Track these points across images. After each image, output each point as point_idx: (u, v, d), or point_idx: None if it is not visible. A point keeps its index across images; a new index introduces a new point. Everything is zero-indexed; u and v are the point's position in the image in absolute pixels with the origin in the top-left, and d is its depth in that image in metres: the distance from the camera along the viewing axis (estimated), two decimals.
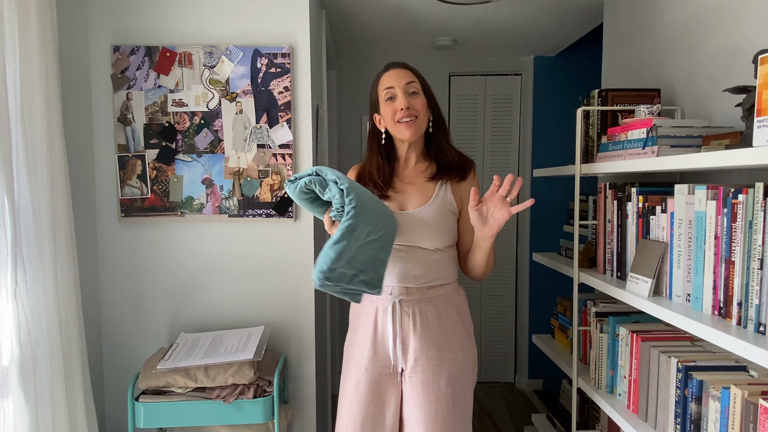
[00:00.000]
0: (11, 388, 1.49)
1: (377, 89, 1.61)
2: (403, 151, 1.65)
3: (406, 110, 1.54)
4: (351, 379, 1.61)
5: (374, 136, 1.66)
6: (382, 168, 1.62)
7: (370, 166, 1.64)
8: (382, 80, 1.60)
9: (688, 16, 1.89)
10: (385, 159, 1.64)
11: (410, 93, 1.57)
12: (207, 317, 2.24)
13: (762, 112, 1.07)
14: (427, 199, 1.59)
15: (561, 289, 2.45)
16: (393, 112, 1.56)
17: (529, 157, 3.69)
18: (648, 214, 1.64)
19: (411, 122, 1.55)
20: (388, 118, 1.58)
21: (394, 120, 1.56)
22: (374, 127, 1.67)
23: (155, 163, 2.18)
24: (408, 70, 1.60)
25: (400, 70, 1.59)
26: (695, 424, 1.38)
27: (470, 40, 3.29)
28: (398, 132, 1.58)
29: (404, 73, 1.58)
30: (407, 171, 1.65)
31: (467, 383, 1.62)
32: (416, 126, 1.56)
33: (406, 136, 1.57)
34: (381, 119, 1.63)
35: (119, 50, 2.14)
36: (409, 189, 1.62)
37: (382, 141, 1.64)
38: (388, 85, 1.57)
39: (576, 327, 2.02)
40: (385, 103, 1.58)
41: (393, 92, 1.56)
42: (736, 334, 1.17)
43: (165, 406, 1.85)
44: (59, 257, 1.66)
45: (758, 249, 1.17)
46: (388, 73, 1.60)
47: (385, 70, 1.62)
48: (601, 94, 1.99)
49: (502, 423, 3.31)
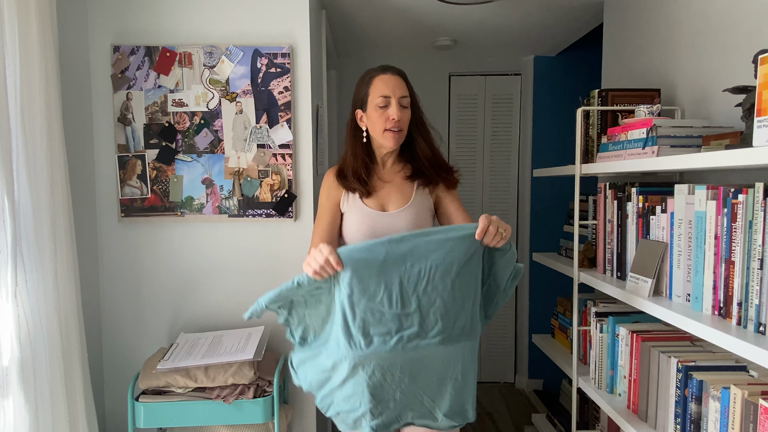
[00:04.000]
0: (11, 388, 1.49)
1: (369, 89, 1.60)
2: (381, 153, 1.67)
3: (398, 122, 1.56)
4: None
5: (357, 133, 1.66)
6: (368, 166, 1.65)
7: (355, 163, 1.64)
8: (377, 83, 1.58)
9: (688, 16, 1.89)
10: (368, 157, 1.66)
11: (403, 106, 1.59)
12: (207, 317, 2.24)
13: (762, 112, 1.07)
14: (406, 199, 1.63)
15: (561, 289, 2.45)
16: (384, 119, 1.57)
17: (529, 157, 3.69)
18: (648, 214, 1.64)
19: (397, 133, 1.58)
20: (377, 124, 1.59)
21: (382, 127, 1.58)
22: (356, 123, 1.66)
23: (155, 163, 2.18)
24: (404, 82, 1.61)
25: (398, 80, 1.59)
26: (695, 424, 1.38)
27: (470, 40, 3.29)
28: (383, 139, 1.60)
29: (401, 85, 1.59)
30: (384, 171, 1.68)
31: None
32: (400, 137, 1.60)
33: (389, 145, 1.60)
34: (364, 118, 1.63)
35: (119, 50, 2.14)
36: (388, 188, 1.65)
37: (364, 139, 1.65)
38: (385, 93, 1.56)
39: (576, 327, 2.02)
40: (376, 108, 1.57)
41: (388, 101, 1.57)
42: (736, 334, 1.17)
43: (165, 406, 1.85)
44: (59, 257, 1.66)
45: (758, 249, 1.17)
46: (386, 78, 1.58)
47: (382, 72, 1.60)
48: (601, 94, 1.99)
49: (502, 423, 3.31)
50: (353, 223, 1.61)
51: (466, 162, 3.79)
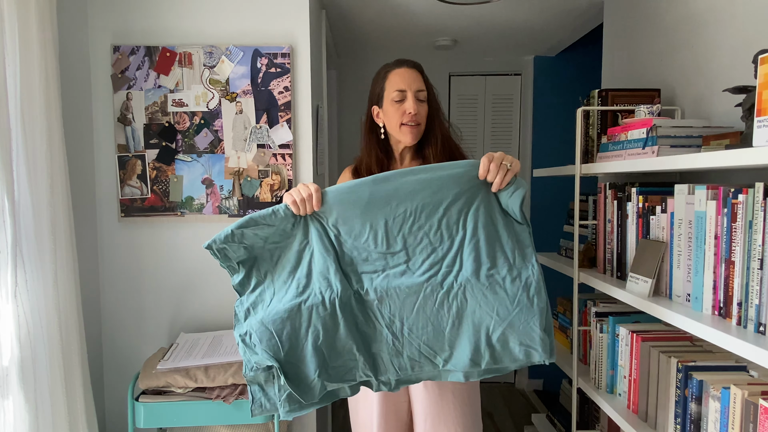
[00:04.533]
0: (11, 388, 1.49)
1: (384, 84, 1.57)
2: (398, 150, 1.64)
3: (414, 116, 1.53)
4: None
5: (373, 129, 1.64)
6: (381, 162, 1.62)
7: (369, 160, 1.62)
8: (392, 77, 1.56)
9: (688, 16, 1.89)
10: (384, 153, 1.64)
11: (419, 100, 1.55)
12: (207, 317, 2.24)
13: (762, 112, 1.07)
14: None
15: (561, 289, 2.44)
16: (400, 114, 1.54)
17: (529, 157, 3.69)
18: (648, 214, 1.64)
19: (415, 127, 1.55)
20: (393, 119, 1.56)
21: (399, 121, 1.55)
22: (372, 119, 1.64)
23: (155, 163, 2.18)
24: (420, 75, 1.58)
25: (414, 73, 1.56)
26: (695, 424, 1.38)
27: (470, 40, 3.29)
28: (400, 134, 1.57)
29: (417, 78, 1.56)
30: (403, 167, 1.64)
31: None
32: (418, 132, 1.57)
33: (407, 140, 1.57)
34: (381, 114, 1.60)
35: (119, 50, 2.14)
36: None
37: (381, 136, 1.62)
38: (401, 87, 1.54)
39: (576, 327, 2.02)
40: (392, 103, 1.55)
41: (404, 95, 1.54)
42: (736, 334, 1.17)
43: (165, 406, 1.85)
44: (59, 257, 1.66)
45: (758, 249, 1.17)
46: (401, 72, 1.55)
47: (397, 66, 1.57)
48: (601, 94, 1.99)
49: (502, 423, 3.31)
50: None
51: None
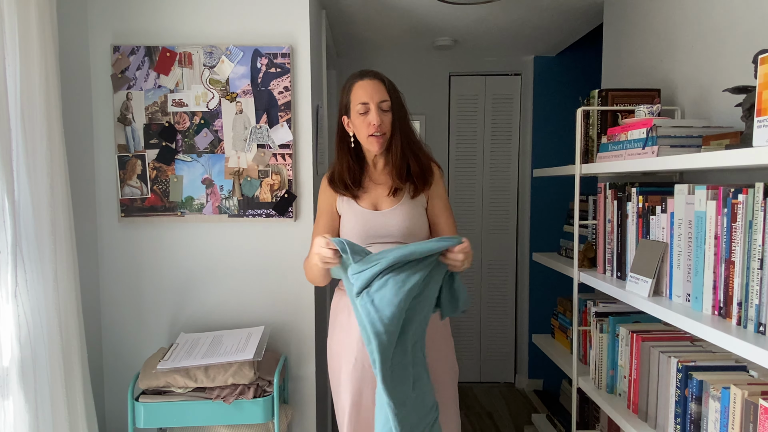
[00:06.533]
0: (11, 388, 1.49)
1: (350, 96, 1.64)
2: (371, 156, 1.72)
3: (378, 126, 1.60)
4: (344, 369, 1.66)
5: (344, 138, 1.71)
6: (352, 169, 1.69)
7: (341, 168, 1.70)
8: (356, 90, 1.62)
9: (688, 16, 1.89)
10: (355, 160, 1.71)
11: (383, 110, 1.62)
12: (207, 317, 2.24)
13: (762, 112, 1.07)
14: (399, 198, 1.67)
15: (561, 289, 2.45)
16: (366, 125, 1.62)
17: (529, 157, 3.69)
18: (648, 214, 1.64)
19: (381, 137, 1.62)
20: (360, 130, 1.64)
21: (366, 133, 1.62)
22: (343, 129, 1.71)
23: (155, 163, 2.18)
24: (383, 85, 1.63)
25: (376, 84, 1.62)
26: (695, 424, 1.38)
27: (470, 40, 3.29)
28: (368, 144, 1.65)
29: (379, 89, 1.62)
30: (376, 172, 1.73)
31: (447, 369, 1.70)
32: (384, 140, 1.65)
33: (374, 149, 1.65)
34: (350, 124, 1.67)
35: (119, 50, 2.14)
36: (381, 188, 1.69)
37: (351, 144, 1.69)
38: (364, 99, 1.60)
39: (576, 327, 2.03)
40: (358, 115, 1.62)
41: (367, 108, 1.60)
42: (736, 334, 1.17)
43: (165, 406, 1.85)
44: (59, 257, 1.66)
45: (758, 249, 1.17)
46: (364, 84, 1.62)
47: (360, 78, 1.63)
48: (601, 94, 1.99)
49: (502, 423, 3.31)
50: (348, 223, 1.68)
51: (466, 162, 3.80)
